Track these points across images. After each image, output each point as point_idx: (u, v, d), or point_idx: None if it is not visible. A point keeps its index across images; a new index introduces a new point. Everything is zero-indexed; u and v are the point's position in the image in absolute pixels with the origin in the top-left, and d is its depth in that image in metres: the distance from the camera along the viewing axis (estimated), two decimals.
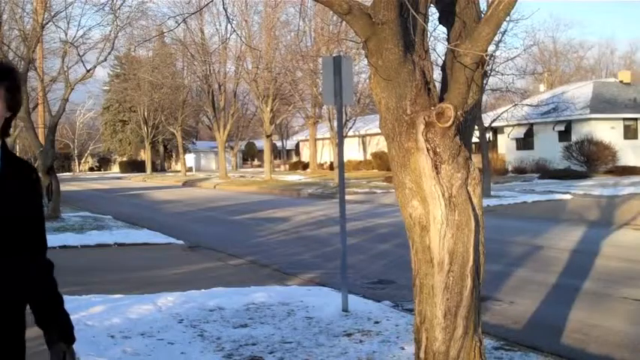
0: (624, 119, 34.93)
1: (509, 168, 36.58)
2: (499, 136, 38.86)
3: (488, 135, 31.88)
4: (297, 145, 64.81)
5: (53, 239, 12.93)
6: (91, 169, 77.50)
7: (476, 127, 6.64)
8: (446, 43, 4.27)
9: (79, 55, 18.03)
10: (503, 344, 5.72)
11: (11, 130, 2.35)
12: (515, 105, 25.57)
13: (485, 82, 16.78)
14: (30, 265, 2.31)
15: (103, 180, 50.08)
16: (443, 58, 4.79)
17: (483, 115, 23.27)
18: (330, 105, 15.37)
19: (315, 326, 6.37)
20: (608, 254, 10.69)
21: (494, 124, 26.92)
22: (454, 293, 3.62)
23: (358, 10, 3.46)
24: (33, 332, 2.05)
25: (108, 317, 6.55)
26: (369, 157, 48.39)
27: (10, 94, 2.19)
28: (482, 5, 4.40)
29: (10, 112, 2.23)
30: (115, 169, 73.21)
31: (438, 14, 4.33)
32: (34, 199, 2.33)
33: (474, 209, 3.66)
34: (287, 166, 59.37)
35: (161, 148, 67.52)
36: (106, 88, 62.13)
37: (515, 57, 25.22)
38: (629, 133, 35.01)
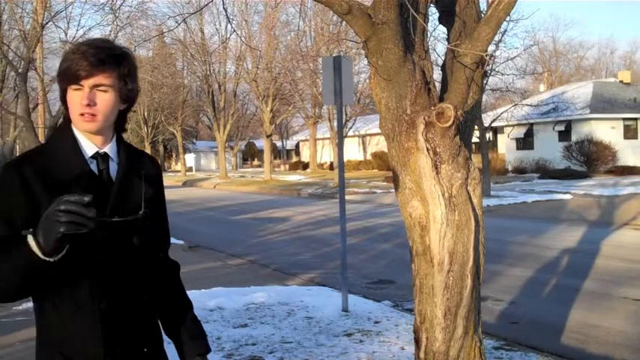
0: (624, 119, 34.94)
1: (509, 168, 36.58)
2: (499, 136, 38.87)
3: (488, 135, 31.90)
4: (297, 145, 64.78)
5: None
6: None
7: (476, 127, 6.64)
8: (446, 43, 4.27)
9: None
10: (503, 344, 5.73)
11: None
12: (515, 105, 25.57)
13: (485, 82, 16.77)
14: (167, 267, 2.13)
15: None
16: (443, 58, 4.79)
17: (483, 115, 23.27)
18: (330, 105, 15.38)
19: (315, 326, 6.37)
20: (608, 254, 10.69)
21: (494, 124, 26.92)
22: (454, 293, 3.62)
23: (358, 10, 3.46)
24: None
25: None
26: (369, 157, 48.38)
27: (124, 83, 1.89)
28: (483, 5, 4.40)
29: (125, 104, 1.94)
30: None
31: (438, 14, 4.33)
32: (163, 193, 2.11)
33: (474, 209, 3.66)
34: (287, 166, 59.35)
35: (161, 148, 67.47)
36: None
37: (515, 57, 25.19)
38: (629, 133, 35.01)
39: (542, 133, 36.07)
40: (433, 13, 4.36)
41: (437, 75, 4.65)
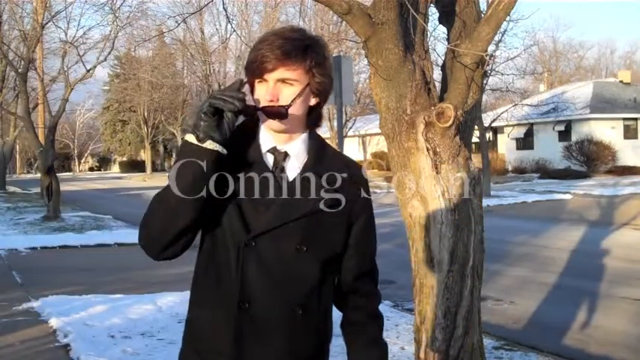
0: (624, 119, 34.95)
1: (509, 168, 36.59)
2: (499, 136, 38.86)
3: (488, 135, 31.89)
4: None
5: (53, 239, 12.94)
6: (91, 169, 77.52)
7: (476, 127, 6.64)
8: (446, 43, 4.28)
9: (79, 55, 18.03)
10: (503, 344, 5.72)
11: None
12: (515, 105, 25.57)
13: (485, 82, 16.76)
14: (355, 294, 1.92)
15: (103, 180, 50.07)
16: (443, 58, 4.79)
17: (483, 115, 23.25)
18: (330, 105, 15.40)
19: None
20: (608, 254, 10.69)
21: (494, 124, 26.92)
22: (454, 293, 3.62)
23: (358, 10, 3.46)
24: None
25: (108, 317, 6.55)
26: (369, 157, 48.39)
27: (312, 75, 1.70)
28: (483, 5, 4.40)
29: (316, 98, 1.74)
30: (115, 169, 73.24)
31: (438, 14, 4.33)
32: (364, 210, 1.85)
33: (473, 209, 3.66)
34: None
35: (161, 148, 67.54)
36: (106, 88, 62.11)
37: (515, 57, 25.28)
38: (629, 133, 35.01)
39: (542, 133, 36.07)
40: (433, 13, 4.37)
41: (437, 75, 4.65)
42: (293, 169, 1.75)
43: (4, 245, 12.01)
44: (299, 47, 1.67)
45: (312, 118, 1.78)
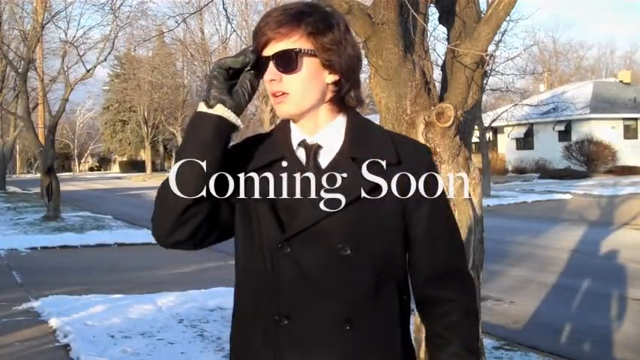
0: (624, 119, 34.96)
1: (509, 168, 36.59)
2: (499, 136, 38.87)
3: (488, 135, 31.90)
4: None
5: (53, 239, 12.94)
6: (91, 169, 77.53)
7: (476, 127, 6.64)
8: (446, 43, 4.28)
9: (79, 55, 18.04)
10: (503, 344, 5.73)
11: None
12: (515, 105, 25.57)
13: (485, 82, 16.76)
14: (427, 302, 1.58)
15: (103, 180, 50.08)
16: (443, 58, 4.79)
17: (483, 115, 23.24)
18: None
19: None
20: (608, 254, 10.69)
21: (494, 124, 26.92)
22: None
23: (358, 10, 3.46)
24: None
25: (108, 317, 6.55)
26: None
27: (314, 42, 1.45)
28: (483, 5, 4.41)
29: (333, 73, 1.48)
30: (115, 169, 73.25)
31: (438, 14, 4.33)
32: (429, 199, 1.56)
33: (473, 209, 3.66)
34: None
35: (161, 148, 67.55)
36: (106, 88, 62.13)
37: (515, 57, 25.17)
38: (629, 133, 35.02)
39: (542, 133, 36.08)
40: (433, 13, 4.37)
41: (437, 75, 4.65)
42: (327, 160, 1.51)
43: (4, 245, 12.01)
44: (293, 14, 1.45)
45: (339, 97, 1.50)
